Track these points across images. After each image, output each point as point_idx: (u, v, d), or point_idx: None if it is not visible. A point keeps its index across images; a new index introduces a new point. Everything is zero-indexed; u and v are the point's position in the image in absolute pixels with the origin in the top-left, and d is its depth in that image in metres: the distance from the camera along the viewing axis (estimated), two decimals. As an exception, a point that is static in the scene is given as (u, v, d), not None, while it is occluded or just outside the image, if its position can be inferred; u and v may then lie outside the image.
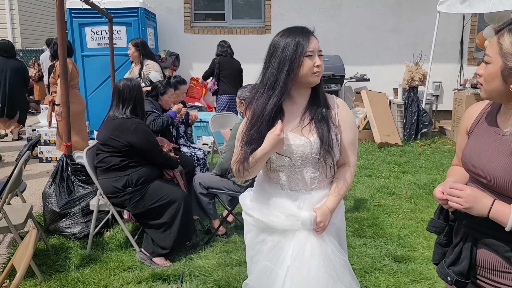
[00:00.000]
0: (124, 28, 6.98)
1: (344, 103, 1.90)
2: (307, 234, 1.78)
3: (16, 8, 12.57)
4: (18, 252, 1.99)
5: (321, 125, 1.77)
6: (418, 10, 8.39)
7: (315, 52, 1.78)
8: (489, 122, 1.45)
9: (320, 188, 1.84)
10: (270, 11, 8.59)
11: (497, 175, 1.35)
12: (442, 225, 1.54)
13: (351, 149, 1.86)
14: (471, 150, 1.47)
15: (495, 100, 1.40)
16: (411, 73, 7.28)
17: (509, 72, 1.28)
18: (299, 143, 1.76)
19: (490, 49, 1.34)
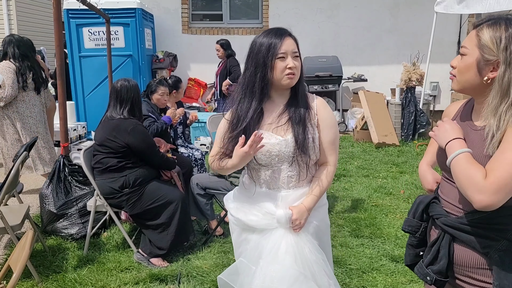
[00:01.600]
0: (122, 28, 6.97)
1: (324, 103, 1.92)
2: (283, 232, 1.80)
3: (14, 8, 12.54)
4: (14, 253, 1.99)
5: (297, 125, 1.79)
6: (415, 11, 8.41)
7: (287, 54, 1.78)
8: (464, 119, 1.48)
9: (299, 187, 1.87)
10: (267, 12, 8.59)
11: None
12: (417, 224, 1.55)
13: (331, 148, 1.87)
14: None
15: (467, 92, 1.43)
16: (408, 73, 7.30)
17: (485, 63, 1.33)
18: (275, 142, 1.79)
19: (467, 41, 1.38)
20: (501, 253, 1.32)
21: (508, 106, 1.29)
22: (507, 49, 1.29)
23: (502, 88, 1.30)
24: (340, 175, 5.50)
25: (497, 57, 1.30)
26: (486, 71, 1.34)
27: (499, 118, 1.30)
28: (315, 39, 8.52)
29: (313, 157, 1.84)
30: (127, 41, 7.02)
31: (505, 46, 1.29)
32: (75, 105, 7.05)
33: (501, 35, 1.30)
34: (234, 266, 1.88)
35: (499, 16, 1.37)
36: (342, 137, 7.82)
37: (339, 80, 8.20)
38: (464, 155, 1.33)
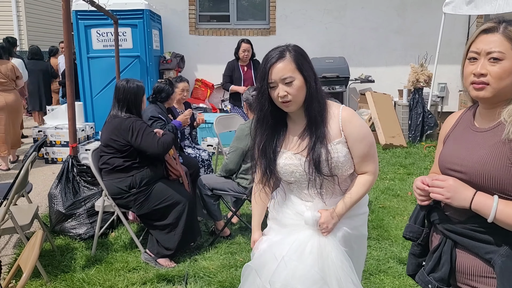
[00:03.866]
0: (130, 29, 7.01)
1: (350, 115, 1.81)
2: (311, 233, 1.80)
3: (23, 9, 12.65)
4: (24, 252, 2.01)
5: (316, 147, 1.74)
6: (423, 11, 8.37)
7: (277, 82, 1.70)
8: (467, 124, 1.45)
9: (333, 198, 1.85)
10: (274, 13, 8.59)
11: (475, 167, 1.33)
12: (419, 230, 1.50)
13: (366, 160, 1.81)
14: (448, 150, 1.47)
15: (499, 98, 1.35)
16: (416, 74, 7.26)
17: None
18: (298, 163, 1.77)
19: (499, 45, 1.31)
20: (504, 259, 1.28)
21: None
22: None
23: None
24: (347, 177, 5.48)
25: None
26: None
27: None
28: (322, 40, 8.51)
29: (345, 173, 1.81)
30: (134, 42, 7.05)
31: None
32: (83, 105, 7.11)
33: None
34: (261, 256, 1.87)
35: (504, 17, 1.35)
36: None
37: (346, 81, 8.18)
38: (500, 204, 1.27)
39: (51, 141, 6.27)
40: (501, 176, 1.28)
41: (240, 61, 5.95)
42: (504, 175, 1.28)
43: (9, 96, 5.93)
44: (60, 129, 6.28)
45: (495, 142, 1.31)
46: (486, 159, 1.31)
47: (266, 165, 1.82)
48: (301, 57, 1.73)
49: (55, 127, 6.39)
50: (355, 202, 1.82)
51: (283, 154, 1.81)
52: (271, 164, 1.81)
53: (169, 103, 4.28)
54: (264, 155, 1.82)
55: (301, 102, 1.74)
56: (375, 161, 1.85)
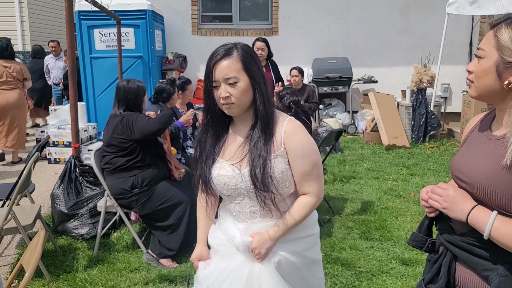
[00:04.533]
0: (132, 30, 7.02)
1: (294, 129, 1.61)
2: (243, 260, 1.62)
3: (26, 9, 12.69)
4: (26, 252, 2.01)
5: (255, 159, 1.55)
6: (426, 12, 8.35)
7: (219, 82, 1.53)
8: (483, 129, 1.37)
9: (269, 218, 1.64)
10: (277, 13, 8.59)
11: (478, 179, 1.25)
12: (422, 239, 1.43)
13: (307, 180, 1.61)
14: (459, 156, 1.40)
15: (486, 99, 1.31)
16: (419, 75, 7.25)
17: (505, 66, 1.20)
18: (231, 175, 1.59)
19: (484, 43, 1.26)
20: (502, 278, 1.20)
21: None
22: None
23: None
24: (350, 177, 5.47)
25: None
26: (506, 75, 1.21)
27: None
28: (325, 41, 8.50)
29: (282, 191, 1.60)
30: (137, 42, 7.06)
31: None
32: (86, 106, 7.12)
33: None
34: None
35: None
36: (352, 138, 7.79)
37: (349, 81, 8.17)
38: (498, 222, 1.20)
39: (53, 141, 6.28)
40: (502, 192, 1.21)
41: None
42: (506, 191, 1.20)
43: (12, 94, 6.03)
44: (62, 129, 6.29)
45: (502, 154, 1.22)
46: (490, 172, 1.23)
47: (202, 173, 1.66)
48: (249, 57, 1.56)
49: (57, 127, 6.40)
50: (293, 224, 1.61)
51: (218, 163, 1.63)
52: (206, 173, 1.64)
53: (171, 103, 4.27)
54: (202, 162, 1.66)
55: (245, 107, 1.57)
56: (319, 183, 1.65)
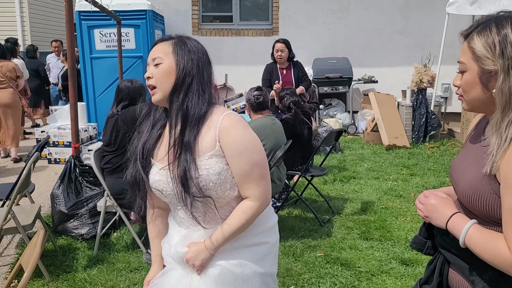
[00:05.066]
0: (133, 30, 7.02)
1: (232, 123, 1.44)
2: (183, 273, 1.50)
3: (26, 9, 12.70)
4: (25, 252, 2.01)
5: (181, 158, 1.40)
6: (426, 12, 8.34)
7: (149, 63, 1.46)
8: (477, 133, 1.33)
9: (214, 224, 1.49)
10: (277, 13, 8.59)
11: (464, 189, 1.23)
12: (422, 242, 1.43)
13: (247, 181, 1.44)
14: (456, 159, 1.38)
15: (478, 110, 1.27)
16: (419, 75, 7.24)
17: (488, 76, 1.17)
18: (164, 179, 1.44)
19: (463, 56, 1.23)
20: (485, 285, 1.19)
21: (510, 121, 1.13)
22: (503, 54, 1.13)
23: (502, 100, 1.13)
24: (350, 177, 5.47)
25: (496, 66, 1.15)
26: (492, 83, 1.17)
27: (501, 135, 1.14)
28: (325, 41, 8.50)
29: (222, 195, 1.44)
30: (137, 42, 7.06)
31: (500, 52, 1.14)
32: (86, 106, 7.13)
33: (494, 39, 1.15)
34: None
35: (487, 19, 1.22)
36: (352, 138, 7.79)
37: (350, 81, 8.17)
38: (472, 230, 1.18)
39: (54, 141, 6.29)
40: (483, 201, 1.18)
41: (278, 63, 5.28)
42: (489, 202, 1.18)
43: (3, 93, 6.20)
44: (63, 129, 6.30)
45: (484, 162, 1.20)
46: (474, 182, 1.21)
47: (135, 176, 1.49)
48: (184, 46, 1.46)
49: (58, 127, 6.41)
50: (231, 233, 1.44)
51: (153, 167, 1.48)
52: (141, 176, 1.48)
53: None
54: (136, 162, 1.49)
55: (166, 92, 1.43)
56: (262, 185, 1.46)
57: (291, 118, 4.23)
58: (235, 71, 8.52)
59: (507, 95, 1.13)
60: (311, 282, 3.04)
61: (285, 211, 4.38)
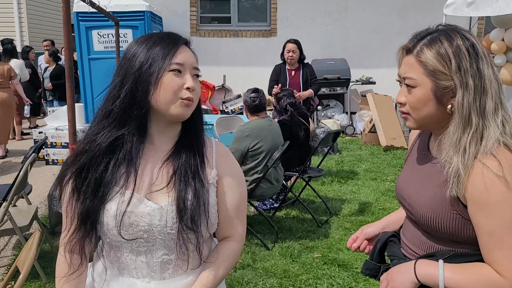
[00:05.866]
0: (131, 31, 7.02)
1: (227, 151, 1.30)
2: None
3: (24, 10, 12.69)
4: (22, 253, 2.01)
5: (186, 183, 1.15)
6: (424, 13, 8.36)
7: (186, 67, 1.15)
8: (422, 147, 1.26)
9: (179, 275, 1.21)
10: (276, 14, 8.60)
11: (422, 211, 1.16)
12: (375, 267, 1.33)
13: (238, 216, 1.25)
14: (403, 177, 1.29)
15: (427, 128, 1.20)
16: (417, 76, 7.26)
17: (443, 91, 1.09)
18: (144, 211, 1.14)
19: (410, 71, 1.13)
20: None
21: (471, 136, 1.07)
22: (460, 68, 1.07)
23: (463, 116, 1.08)
24: (348, 178, 5.47)
25: (452, 80, 1.08)
26: (447, 99, 1.10)
27: (463, 153, 1.07)
28: (323, 42, 8.51)
29: (211, 230, 1.23)
30: (136, 43, 7.06)
31: (457, 66, 1.07)
32: (84, 107, 7.12)
33: (447, 52, 1.08)
34: None
35: (429, 31, 1.16)
36: (350, 139, 7.80)
37: (347, 82, 8.18)
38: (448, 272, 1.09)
39: (51, 142, 6.28)
40: (448, 224, 1.12)
41: (287, 64, 5.20)
42: (452, 223, 1.11)
43: (3, 93, 6.42)
44: (61, 130, 6.28)
45: (442, 181, 1.12)
46: (432, 203, 1.13)
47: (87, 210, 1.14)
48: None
49: (55, 128, 6.40)
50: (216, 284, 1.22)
51: (121, 195, 1.14)
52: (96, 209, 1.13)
53: None
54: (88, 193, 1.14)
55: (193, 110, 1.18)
56: (245, 222, 1.30)
57: (288, 119, 4.24)
58: (233, 72, 8.53)
59: (467, 112, 1.07)
60: (308, 283, 3.04)
61: (282, 212, 4.38)
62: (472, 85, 1.07)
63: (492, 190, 1.02)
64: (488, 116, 1.08)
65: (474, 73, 1.07)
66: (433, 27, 1.17)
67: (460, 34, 1.11)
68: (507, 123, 1.10)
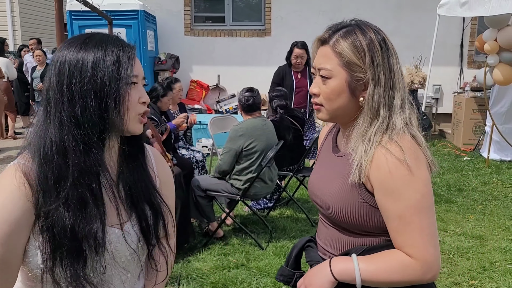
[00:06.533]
0: (124, 30, 6.99)
1: (158, 153, 1.23)
2: None
3: (17, 9, 12.61)
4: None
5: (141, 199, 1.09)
6: (418, 13, 8.40)
7: (139, 79, 1.05)
8: (330, 144, 1.28)
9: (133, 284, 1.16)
10: (270, 14, 8.60)
11: (331, 203, 1.16)
12: (290, 273, 1.31)
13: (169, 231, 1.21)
14: (313, 175, 1.30)
15: (339, 120, 1.19)
16: (411, 76, 7.28)
17: (357, 83, 1.11)
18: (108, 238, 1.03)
19: (325, 61, 1.13)
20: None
21: (377, 128, 1.09)
22: (373, 62, 1.09)
23: (372, 109, 1.10)
24: (342, 178, 5.47)
25: (366, 73, 1.10)
26: (359, 91, 1.12)
27: (368, 142, 1.09)
28: (317, 42, 8.52)
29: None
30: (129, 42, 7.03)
31: (371, 59, 1.09)
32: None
33: (362, 44, 1.10)
34: None
35: (343, 24, 1.17)
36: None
37: (341, 82, 8.20)
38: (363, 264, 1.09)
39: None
40: (355, 212, 1.12)
41: (292, 66, 5.13)
42: (360, 212, 1.12)
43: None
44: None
45: (349, 172, 1.12)
46: (341, 194, 1.14)
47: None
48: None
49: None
50: None
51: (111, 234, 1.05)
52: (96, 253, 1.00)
53: (160, 105, 4.25)
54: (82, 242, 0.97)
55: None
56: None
57: (276, 121, 4.20)
58: (228, 71, 8.52)
59: (376, 104, 1.09)
60: (302, 282, 3.04)
61: (277, 211, 4.38)
62: (383, 79, 1.09)
63: (396, 174, 1.05)
64: (396, 109, 1.11)
65: (386, 68, 1.10)
66: (346, 20, 1.19)
67: (373, 28, 1.14)
68: (413, 117, 1.15)
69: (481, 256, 3.44)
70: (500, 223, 4.10)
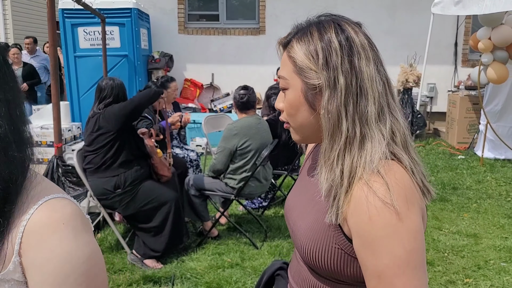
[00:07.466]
0: (117, 28, 6.93)
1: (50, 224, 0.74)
2: None
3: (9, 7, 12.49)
4: None
5: None
6: (412, 12, 8.40)
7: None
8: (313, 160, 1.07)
9: None
10: (264, 12, 8.57)
11: (301, 238, 0.96)
12: None
13: None
14: (289, 197, 1.11)
15: (311, 140, 0.99)
16: (405, 74, 7.29)
17: (313, 92, 0.91)
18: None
19: (283, 69, 0.96)
20: None
21: (342, 147, 0.88)
22: (327, 64, 0.89)
23: (330, 123, 0.88)
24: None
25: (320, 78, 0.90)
26: (318, 102, 0.91)
27: (332, 169, 0.88)
28: (312, 40, 8.51)
29: None
30: (122, 41, 6.98)
31: (324, 61, 0.89)
32: (70, 105, 7.01)
33: (316, 46, 0.91)
34: None
35: (307, 23, 1.01)
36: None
37: (336, 81, 8.19)
38: None
39: (36, 141, 6.17)
40: (330, 260, 0.91)
41: None
42: (334, 259, 0.91)
43: None
44: (46, 129, 6.18)
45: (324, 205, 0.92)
46: (313, 232, 0.93)
47: None
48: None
49: (41, 127, 6.29)
50: None
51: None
52: None
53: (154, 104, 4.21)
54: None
55: None
56: None
57: (273, 119, 4.19)
58: (222, 70, 8.48)
59: (335, 116, 0.87)
60: (297, 282, 3.02)
61: (271, 210, 4.36)
62: (343, 84, 0.87)
63: (378, 222, 0.82)
64: (371, 123, 0.87)
65: (347, 70, 0.88)
66: (312, 17, 1.03)
67: (336, 26, 0.97)
68: (398, 132, 0.90)
69: (475, 254, 3.44)
70: (494, 221, 4.11)
